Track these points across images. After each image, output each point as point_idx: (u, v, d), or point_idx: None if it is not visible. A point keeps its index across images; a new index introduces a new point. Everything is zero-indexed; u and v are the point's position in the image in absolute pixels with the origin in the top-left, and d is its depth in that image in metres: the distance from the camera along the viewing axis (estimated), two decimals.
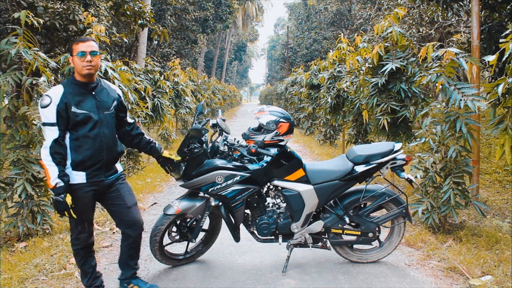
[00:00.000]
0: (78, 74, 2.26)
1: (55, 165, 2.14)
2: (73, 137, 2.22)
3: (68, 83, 2.27)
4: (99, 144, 2.27)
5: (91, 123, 2.24)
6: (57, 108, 2.15)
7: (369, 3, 14.90)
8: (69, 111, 2.18)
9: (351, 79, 5.58)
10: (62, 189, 2.13)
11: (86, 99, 2.26)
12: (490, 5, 4.66)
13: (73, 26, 6.48)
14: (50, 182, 2.12)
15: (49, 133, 2.16)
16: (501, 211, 4.04)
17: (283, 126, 2.75)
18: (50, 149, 2.14)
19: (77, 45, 2.23)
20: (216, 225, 3.04)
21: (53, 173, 2.12)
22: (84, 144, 2.23)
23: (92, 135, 2.25)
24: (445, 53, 3.24)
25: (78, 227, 2.32)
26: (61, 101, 2.17)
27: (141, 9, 7.97)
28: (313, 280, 2.70)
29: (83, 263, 2.40)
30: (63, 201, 2.12)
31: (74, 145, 2.23)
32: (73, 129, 2.22)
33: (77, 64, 2.22)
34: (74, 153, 2.23)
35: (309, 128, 11.57)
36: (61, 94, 2.18)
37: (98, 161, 2.28)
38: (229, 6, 19.33)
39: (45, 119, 2.17)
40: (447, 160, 3.32)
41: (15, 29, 3.35)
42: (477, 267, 2.78)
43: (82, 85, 2.27)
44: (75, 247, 2.37)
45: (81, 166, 2.24)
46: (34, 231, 3.39)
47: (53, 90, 2.21)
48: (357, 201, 2.85)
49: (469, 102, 3.03)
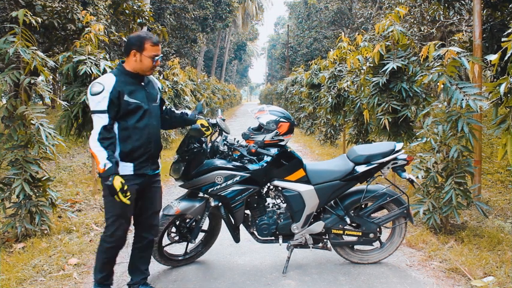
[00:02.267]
0: (132, 68, 2.24)
1: (103, 150, 2.09)
2: (122, 126, 2.20)
3: (118, 72, 2.24)
4: (147, 135, 2.26)
5: (141, 113, 2.23)
6: (110, 95, 2.12)
7: (369, 2, 14.87)
8: (121, 100, 2.16)
9: (351, 78, 5.55)
10: (112, 170, 2.07)
11: (137, 90, 2.25)
12: (492, 3, 4.63)
13: (71, 25, 6.46)
14: (99, 166, 2.07)
15: (98, 120, 2.12)
16: (503, 211, 4.01)
17: (284, 126, 2.72)
18: (99, 135, 2.10)
19: (152, 47, 2.22)
20: (215, 225, 3.01)
21: (101, 157, 2.07)
22: (133, 134, 2.21)
23: (141, 125, 2.23)
24: (447, 52, 3.22)
25: (116, 222, 2.23)
26: (114, 89, 2.14)
27: (140, 8, 7.94)
28: (314, 281, 2.68)
29: (107, 261, 2.31)
30: (111, 185, 2.06)
31: (122, 135, 2.20)
32: (122, 118, 2.19)
33: (145, 64, 2.22)
34: (122, 143, 2.20)
35: (309, 128, 11.55)
36: (114, 82, 2.16)
37: (145, 152, 2.26)
38: (229, 5, 19.29)
39: (96, 106, 2.13)
40: (449, 160, 3.30)
41: (13, 27, 3.32)
42: (479, 268, 2.76)
43: (133, 76, 2.26)
44: (108, 244, 2.27)
45: (130, 157, 2.21)
46: (32, 231, 3.37)
47: (104, 78, 2.18)
48: (358, 201, 2.83)
49: (470, 102, 3.01)
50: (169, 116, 2.60)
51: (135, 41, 2.22)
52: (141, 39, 2.21)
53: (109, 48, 11.11)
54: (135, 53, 2.21)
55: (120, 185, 2.08)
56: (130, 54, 2.22)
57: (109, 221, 2.25)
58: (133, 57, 2.22)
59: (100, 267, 2.33)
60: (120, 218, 2.24)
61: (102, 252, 2.31)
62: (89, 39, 4.56)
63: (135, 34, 2.27)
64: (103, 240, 2.29)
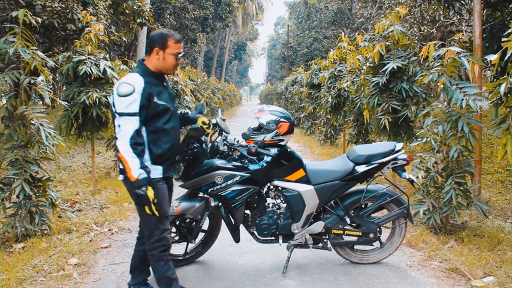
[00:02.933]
0: (155, 67, 2.17)
1: (136, 157, 2.01)
2: (151, 129, 2.12)
3: (143, 72, 2.14)
4: (174, 137, 2.22)
5: (168, 115, 2.17)
6: (141, 97, 2.03)
7: (369, 2, 14.87)
8: (151, 102, 2.07)
9: (351, 78, 5.55)
10: (145, 180, 2.00)
11: (162, 91, 2.19)
12: (492, 3, 4.63)
13: (71, 25, 6.46)
14: (131, 174, 1.99)
15: (129, 124, 2.02)
16: (503, 211, 4.01)
17: (284, 126, 2.72)
18: (131, 140, 2.00)
19: (175, 44, 2.15)
20: (215, 225, 3.01)
21: (134, 165, 1.99)
22: (162, 137, 2.15)
23: (169, 127, 2.18)
24: (447, 52, 3.21)
25: (161, 225, 2.16)
26: (144, 91, 2.05)
27: (140, 8, 7.95)
28: (314, 281, 2.68)
29: (168, 268, 2.21)
30: (145, 195, 1.99)
31: (151, 138, 2.13)
32: (150, 121, 2.11)
33: (169, 62, 2.16)
34: (153, 146, 2.13)
35: (309, 128, 11.55)
36: (143, 83, 2.06)
37: (173, 154, 2.23)
38: (229, 5, 19.29)
39: (126, 108, 2.02)
40: (449, 160, 3.29)
41: (13, 27, 3.32)
42: (479, 268, 2.76)
43: (157, 76, 2.19)
44: (158, 250, 2.17)
45: (160, 160, 2.16)
46: (32, 231, 3.37)
47: (132, 78, 2.07)
48: (358, 201, 2.83)
49: (470, 102, 3.01)
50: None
51: (158, 39, 2.14)
52: (164, 37, 2.13)
53: (109, 48, 11.11)
54: (158, 51, 2.14)
55: (153, 196, 2.02)
56: (153, 52, 2.15)
57: (152, 226, 2.16)
58: (156, 55, 2.14)
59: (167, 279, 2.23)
60: (163, 219, 2.18)
61: (159, 261, 2.20)
62: (89, 39, 4.56)
63: (157, 32, 2.19)
64: (152, 249, 2.19)
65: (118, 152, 2.03)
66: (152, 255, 2.21)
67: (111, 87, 4.57)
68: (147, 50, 2.22)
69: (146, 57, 2.21)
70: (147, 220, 2.17)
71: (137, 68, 2.20)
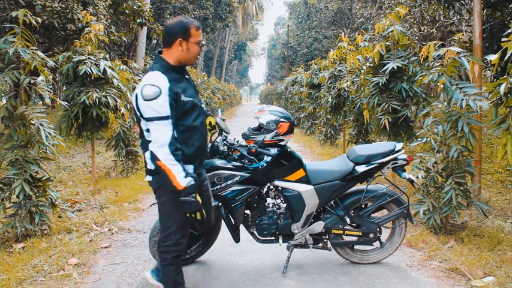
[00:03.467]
0: (177, 59, 2.01)
1: (178, 164, 1.88)
2: (181, 128, 1.98)
3: (163, 69, 1.97)
4: (204, 133, 2.12)
5: (197, 111, 2.04)
6: (169, 99, 1.88)
7: (369, 2, 14.87)
8: (178, 101, 1.93)
9: (351, 78, 5.55)
10: (193, 187, 1.90)
11: (187, 85, 2.04)
12: (492, 3, 4.63)
13: (71, 25, 6.46)
14: (178, 182, 1.86)
15: (163, 128, 1.87)
16: (503, 211, 4.01)
17: (284, 126, 2.72)
18: (171, 146, 1.86)
19: (197, 32, 2.00)
20: (215, 225, 3.01)
21: (179, 173, 1.87)
22: (193, 135, 2.03)
23: (198, 124, 2.06)
24: (447, 52, 3.21)
25: (181, 230, 2.08)
26: (170, 90, 1.89)
27: (140, 8, 7.95)
28: (314, 281, 2.68)
29: (178, 272, 2.16)
30: (196, 201, 1.90)
31: (184, 137, 1.99)
32: (180, 120, 1.97)
33: (193, 51, 2.01)
34: (184, 146, 2.00)
35: (309, 128, 11.55)
36: (167, 82, 1.90)
37: (204, 151, 2.13)
38: (229, 5, 19.30)
39: (154, 113, 1.86)
40: (449, 160, 3.29)
41: (13, 27, 3.32)
42: (479, 268, 2.76)
43: (178, 70, 2.03)
44: (173, 254, 2.11)
45: (191, 159, 2.04)
46: (32, 231, 3.37)
47: (155, 78, 1.91)
48: (358, 201, 2.83)
49: (470, 102, 3.01)
50: None
51: (180, 28, 1.97)
52: (186, 25, 1.97)
53: (109, 48, 11.11)
54: (181, 42, 1.98)
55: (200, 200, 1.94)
56: (175, 44, 1.98)
57: (171, 229, 2.08)
58: (180, 46, 1.98)
59: (175, 282, 2.17)
60: (185, 225, 2.10)
61: (170, 265, 2.14)
62: (89, 39, 4.56)
63: (175, 21, 2.02)
64: (166, 252, 2.12)
65: (157, 160, 1.88)
66: (165, 258, 2.14)
67: (111, 87, 4.57)
68: (165, 43, 2.02)
69: (165, 50, 2.03)
70: (169, 221, 2.08)
71: (156, 64, 2.03)
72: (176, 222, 2.07)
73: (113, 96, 4.47)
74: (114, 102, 4.47)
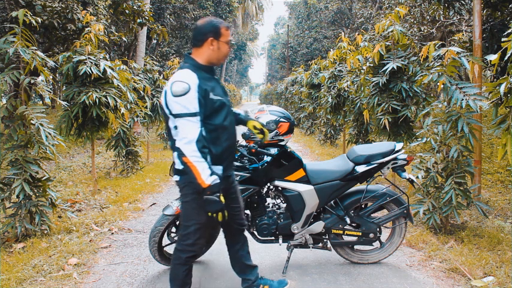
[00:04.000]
0: (207, 59, 2.03)
1: (204, 161, 1.87)
2: (209, 128, 1.97)
3: (193, 68, 1.99)
4: (233, 133, 2.10)
5: (225, 110, 2.03)
6: (198, 95, 1.89)
7: (369, 2, 14.87)
8: (207, 99, 1.93)
9: (351, 78, 5.55)
10: (218, 187, 1.88)
11: (216, 85, 2.04)
12: (492, 3, 4.63)
13: (71, 25, 6.46)
14: (203, 180, 1.86)
15: (191, 125, 1.87)
16: (503, 211, 4.01)
17: (284, 126, 2.72)
18: (198, 143, 1.86)
19: (226, 31, 2.04)
20: (215, 225, 3.01)
21: (204, 170, 1.86)
22: (221, 135, 2.02)
23: (227, 124, 2.04)
24: (447, 52, 3.21)
25: (200, 231, 2.06)
26: (199, 87, 1.90)
27: (140, 8, 7.95)
28: (314, 281, 2.68)
29: (187, 273, 2.14)
30: (219, 200, 1.89)
31: (211, 137, 1.98)
32: (207, 119, 1.96)
33: (223, 50, 2.05)
34: (212, 146, 1.99)
35: (309, 128, 11.55)
36: (197, 79, 1.92)
37: (233, 152, 2.12)
38: (228, 5, 19.29)
39: (183, 109, 1.87)
40: (449, 160, 3.29)
41: (13, 27, 3.32)
42: (479, 268, 2.76)
43: (208, 70, 2.04)
44: (188, 254, 2.09)
45: (220, 159, 2.02)
46: (32, 231, 3.37)
47: (185, 75, 1.92)
48: (358, 201, 2.83)
49: (470, 102, 3.01)
50: None
51: (211, 28, 2.01)
52: (216, 25, 2.01)
53: (109, 48, 11.11)
54: (213, 41, 2.00)
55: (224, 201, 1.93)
56: (206, 43, 2.00)
57: (191, 228, 2.06)
58: (211, 45, 2.00)
59: (182, 282, 2.14)
60: (206, 226, 2.08)
61: (181, 265, 2.12)
62: (89, 39, 4.56)
63: (206, 21, 2.04)
64: (181, 251, 2.10)
65: (183, 157, 1.88)
66: (179, 256, 2.12)
67: (111, 87, 4.57)
68: (196, 43, 2.04)
69: (194, 50, 2.06)
70: (190, 221, 2.07)
71: (185, 63, 2.04)
72: (197, 223, 2.06)
73: (113, 96, 4.47)
74: (114, 102, 4.47)
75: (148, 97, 6.95)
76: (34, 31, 5.77)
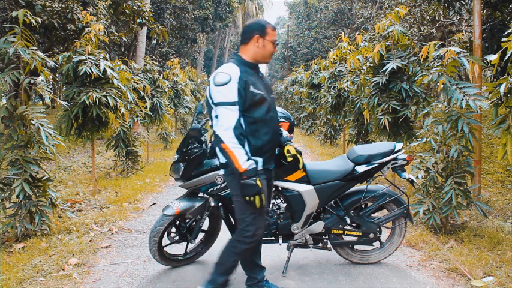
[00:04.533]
0: (252, 56, 2.15)
1: (242, 147, 1.97)
2: (249, 120, 2.07)
3: (238, 63, 2.11)
4: (274, 128, 2.18)
5: (266, 105, 2.12)
6: (238, 86, 2.00)
7: (369, 2, 14.87)
8: (247, 91, 2.03)
9: (351, 78, 5.55)
10: (254, 171, 1.97)
11: (258, 80, 2.14)
12: (492, 3, 4.63)
13: (71, 25, 6.46)
14: (239, 164, 1.95)
15: (229, 113, 1.99)
16: (503, 211, 4.01)
17: (284, 126, 2.72)
18: (235, 130, 1.97)
19: (272, 32, 2.15)
20: (215, 225, 3.01)
21: (241, 156, 1.96)
22: (261, 128, 2.10)
23: (268, 118, 2.13)
24: (447, 52, 3.21)
25: (257, 221, 2.12)
26: (240, 79, 2.01)
27: (140, 8, 7.95)
28: (314, 281, 2.68)
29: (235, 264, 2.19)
30: (256, 184, 1.95)
31: (250, 129, 2.08)
32: (248, 111, 2.06)
33: (268, 49, 2.14)
34: (251, 138, 2.08)
35: (309, 128, 11.55)
36: (239, 72, 2.03)
37: (273, 146, 2.20)
38: (228, 5, 19.28)
39: (223, 97, 1.99)
40: (449, 160, 3.29)
41: (13, 27, 3.32)
42: (479, 268, 2.76)
43: (252, 66, 2.16)
44: (246, 246, 2.14)
45: (259, 152, 2.11)
46: (32, 231, 3.37)
47: (228, 67, 2.06)
48: (358, 201, 2.82)
49: (470, 102, 3.01)
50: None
51: (257, 27, 2.13)
52: (262, 24, 2.14)
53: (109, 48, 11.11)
54: (258, 38, 2.12)
55: (261, 185, 1.98)
56: (252, 41, 2.13)
57: (247, 220, 2.11)
58: (256, 43, 2.12)
59: (227, 269, 2.20)
60: (261, 215, 2.13)
61: (235, 254, 2.18)
62: (89, 39, 4.56)
63: (252, 21, 2.19)
64: (240, 241, 2.15)
65: (221, 143, 1.98)
66: (234, 246, 2.17)
67: (111, 87, 4.57)
68: (243, 40, 2.16)
69: (241, 48, 2.18)
70: (245, 213, 2.12)
71: (231, 59, 2.18)
72: (252, 213, 2.10)
73: (112, 96, 4.47)
74: (114, 102, 4.47)
75: (148, 97, 6.95)
76: (34, 31, 5.77)
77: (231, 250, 2.20)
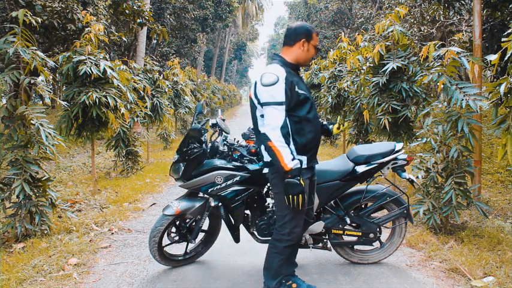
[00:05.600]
0: (295, 58, 2.23)
1: (287, 147, 2.03)
2: (294, 119, 2.14)
3: (281, 63, 2.18)
4: (317, 127, 2.24)
5: (309, 105, 2.19)
6: (285, 86, 2.06)
7: (369, 2, 14.87)
8: (293, 91, 2.10)
9: (351, 78, 5.55)
10: (299, 170, 2.02)
11: (300, 80, 2.22)
12: (492, 3, 4.63)
13: (71, 25, 6.46)
14: (285, 163, 2.00)
15: (276, 113, 2.04)
16: (503, 212, 4.01)
17: None
18: (282, 129, 2.03)
19: (316, 37, 2.24)
20: (215, 225, 3.01)
21: (287, 155, 2.01)
22: (305, 127, 2.17)
23: (311, 117, 2.20)
24: (447, 52, 3.21)
25: (295, 219, 2.18)
26: (286, 79, 2.08)
27: (140, 8, 7.95)
28: (314, 281, 2.68)
29: (282, 263, 2.24)
30: (300, 183, 2.00)
31: (295, 128, 2.15)
32: (292, 110, 2.13)
33: (311, 53, 2.23)
34: (297, 136, 2.16)
35: None
36: (285, 73, 2.10)
37: (316, 144, 2.26)
38: (228, 5, 19.28)
39: (271, 98, 2.05)
40: (449, 160, 3.29)
41: (13, 27, 3.32)
42: (479, 268, 2.76)
43: (294, 67, 2.24)
44: (285, 243, 2.20)
45: (304, 150, 2.18)
46: (32, 231, 3.37)
47: (274, 68, 2.11)
48: (358, 201, 2.83)
49: (470, 102, 3.01)
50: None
51: (304, 31, 2.20)
52: (309, 28, 2.21)
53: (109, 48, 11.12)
54: (304, 42, 2.20)
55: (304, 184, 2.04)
56: (297, 44, 2.20)
57: (286, 218, 2.18)
58: (302, 46, 2.20)
59: (275, 271, 2.25)
60: (300, 213, 2.18)
61: (278, 253, 2.23)
62: (89, 39, 4.56)
63: (298, 25, 2.24)
64: (278, 240, 2.22)
65: (268, 141, 2.03)
66: (276, 245, 2.22)
67: (111, 87, 4.57)
68: (287, 41, 2.23)
69: (284, 49, 2.25)
70: (284, 211, 2.17)
71: (274, 60, 2.24)
72: (291, 211, 2.15)
73: (113, 96, 4.47)
74: (114, 102, 4.47)
75: (148, 97, 6.95)
76: (34, 31, 5.77)
77: (272, 251, 2.26)
